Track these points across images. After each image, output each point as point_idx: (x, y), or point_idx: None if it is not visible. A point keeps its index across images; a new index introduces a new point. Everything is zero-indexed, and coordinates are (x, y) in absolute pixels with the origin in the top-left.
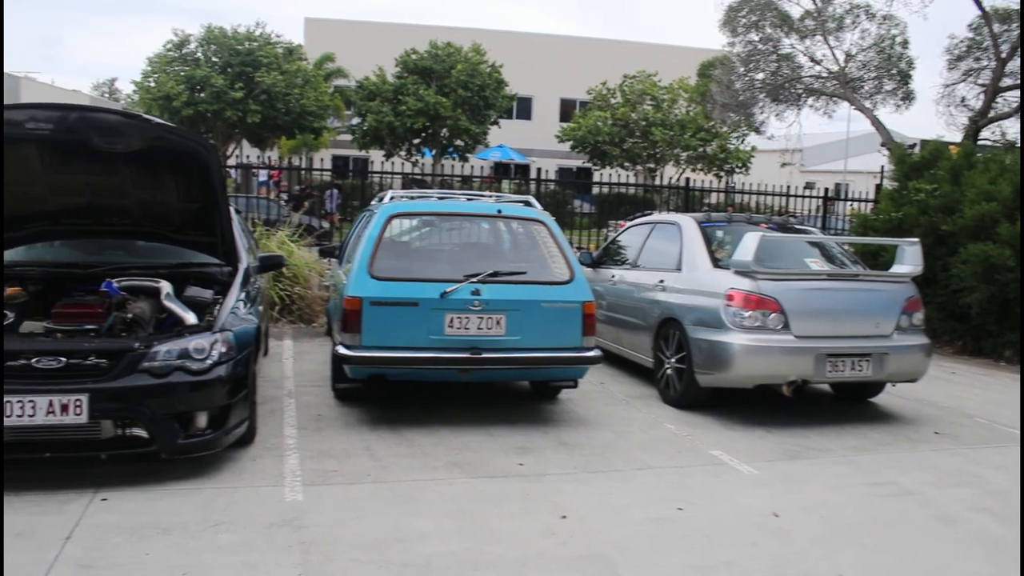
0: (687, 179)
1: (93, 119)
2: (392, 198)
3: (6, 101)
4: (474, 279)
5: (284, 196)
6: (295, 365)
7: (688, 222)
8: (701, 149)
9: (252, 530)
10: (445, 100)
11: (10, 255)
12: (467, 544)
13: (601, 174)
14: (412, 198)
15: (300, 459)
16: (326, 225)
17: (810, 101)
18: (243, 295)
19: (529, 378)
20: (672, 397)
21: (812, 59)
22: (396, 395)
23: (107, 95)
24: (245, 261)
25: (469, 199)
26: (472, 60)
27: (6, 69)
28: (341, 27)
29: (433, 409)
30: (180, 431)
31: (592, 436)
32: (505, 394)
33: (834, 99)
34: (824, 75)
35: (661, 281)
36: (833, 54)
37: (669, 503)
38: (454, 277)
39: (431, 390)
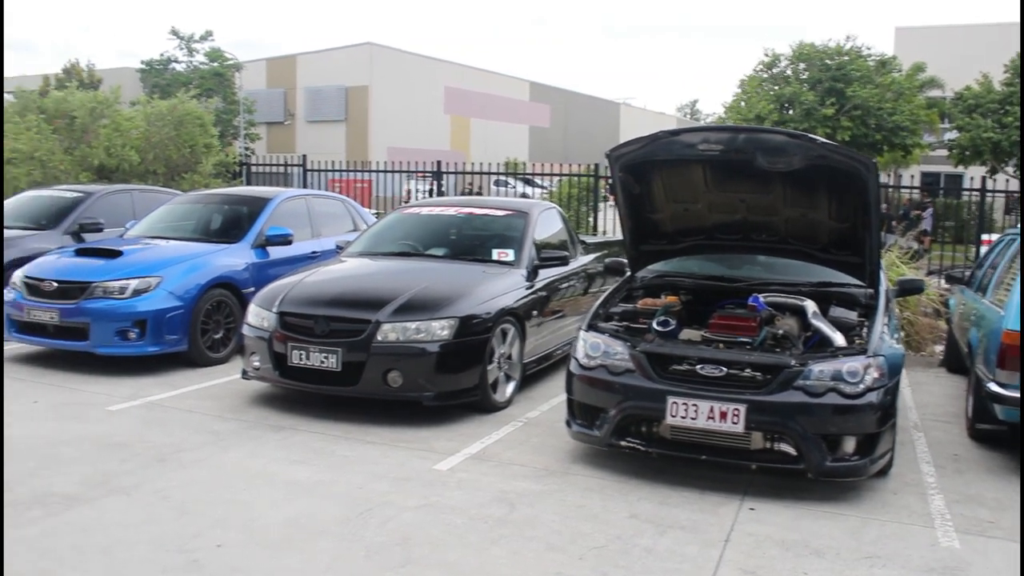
0: None
1: (760, 140)
2: None
3: (610, 126)
4: None
5: None
6: (914, 396)
7: None
8: None
9: (908, 571)
10: None
11: (665, 266)
12: None
13: None
14: None
15: (946, 501)
16: (915, 245)
17: None
18: (886, 319)
19: None
20: None
21: None
22: None
23: (688, 115)
24: (884, 284)
25: None
26: None
27: (610, 97)
28: (934, 33)
29: None
30: (827, 453)
31: None
32: None
33: None
34: None
35: None
36: None
37: None
38: None
39: None
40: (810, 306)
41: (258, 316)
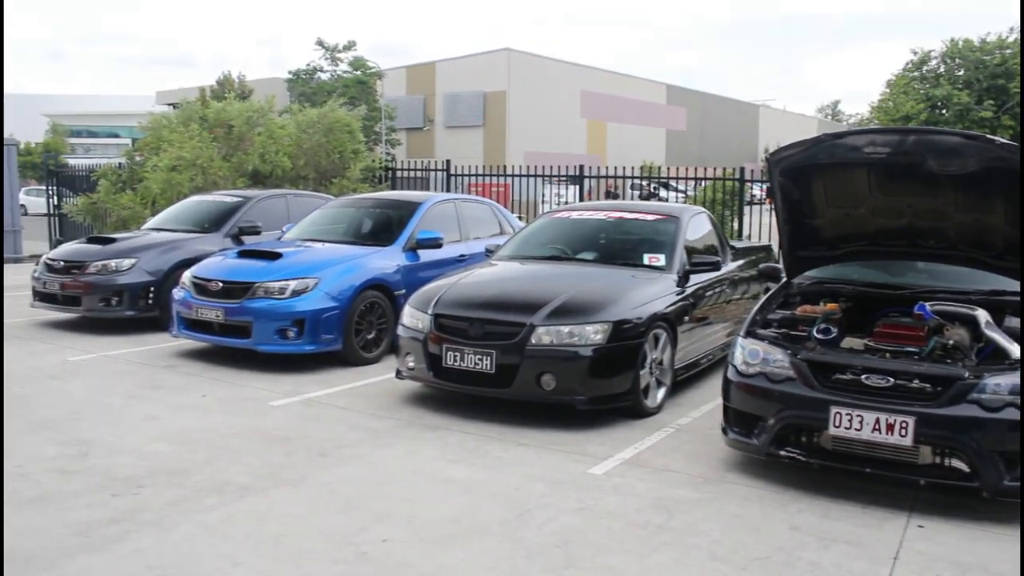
0: None
1: (931, 141)
2: None
3: (749, 128)
4: None
5: None
6: None
7: None
8: None
9: None
10: None
11: (823, 272)
12: None
13: None
14: None
15: None
16: None
17: None
18: None
19: None
20: None
21: None
22: None
23: (829, 117)
24: None
25: None
26: None
27: (749, 99)
28: None
29: None
30: (1005, 472)
31: None
32: None
33: None
34: None
35: None
36: None
37: None
38: None
39: None
40: (982, 316)
41: (413, 317)
